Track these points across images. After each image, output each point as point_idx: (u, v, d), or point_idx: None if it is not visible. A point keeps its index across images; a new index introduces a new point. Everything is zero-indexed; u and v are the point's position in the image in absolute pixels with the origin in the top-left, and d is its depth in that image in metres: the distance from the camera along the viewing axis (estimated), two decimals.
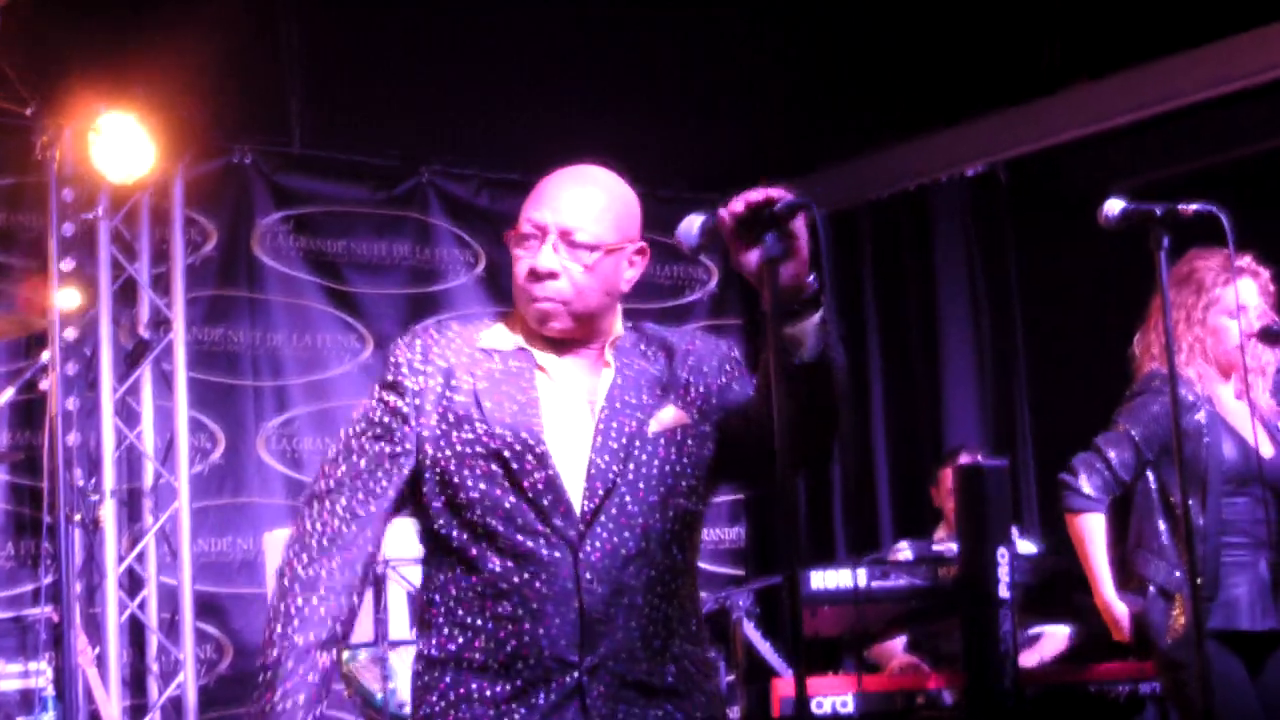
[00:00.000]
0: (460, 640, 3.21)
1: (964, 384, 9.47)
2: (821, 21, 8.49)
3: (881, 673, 7.67)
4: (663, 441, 3.31)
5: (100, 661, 7.61)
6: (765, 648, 7.25)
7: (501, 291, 9.04)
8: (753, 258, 3.10)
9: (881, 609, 6.80)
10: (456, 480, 3.23)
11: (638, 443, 3.28)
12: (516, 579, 3.17)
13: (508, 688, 3.16)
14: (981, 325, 9.53)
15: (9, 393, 7.21)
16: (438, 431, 3.26)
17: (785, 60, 8.74)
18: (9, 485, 7.95)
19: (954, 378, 9.47)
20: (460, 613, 3.22)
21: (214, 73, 7.81)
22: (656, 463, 3.29)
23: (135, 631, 8.11)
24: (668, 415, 3.32)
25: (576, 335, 3.34)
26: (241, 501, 8.58)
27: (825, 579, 6.53)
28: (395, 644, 6.12)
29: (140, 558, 8.10)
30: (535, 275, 3.30)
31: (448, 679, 3.21)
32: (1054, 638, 7.60)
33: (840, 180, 9.76)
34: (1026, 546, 8.05)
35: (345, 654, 6.61)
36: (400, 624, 6.04)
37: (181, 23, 7.55)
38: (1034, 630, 7.67)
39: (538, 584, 3.17)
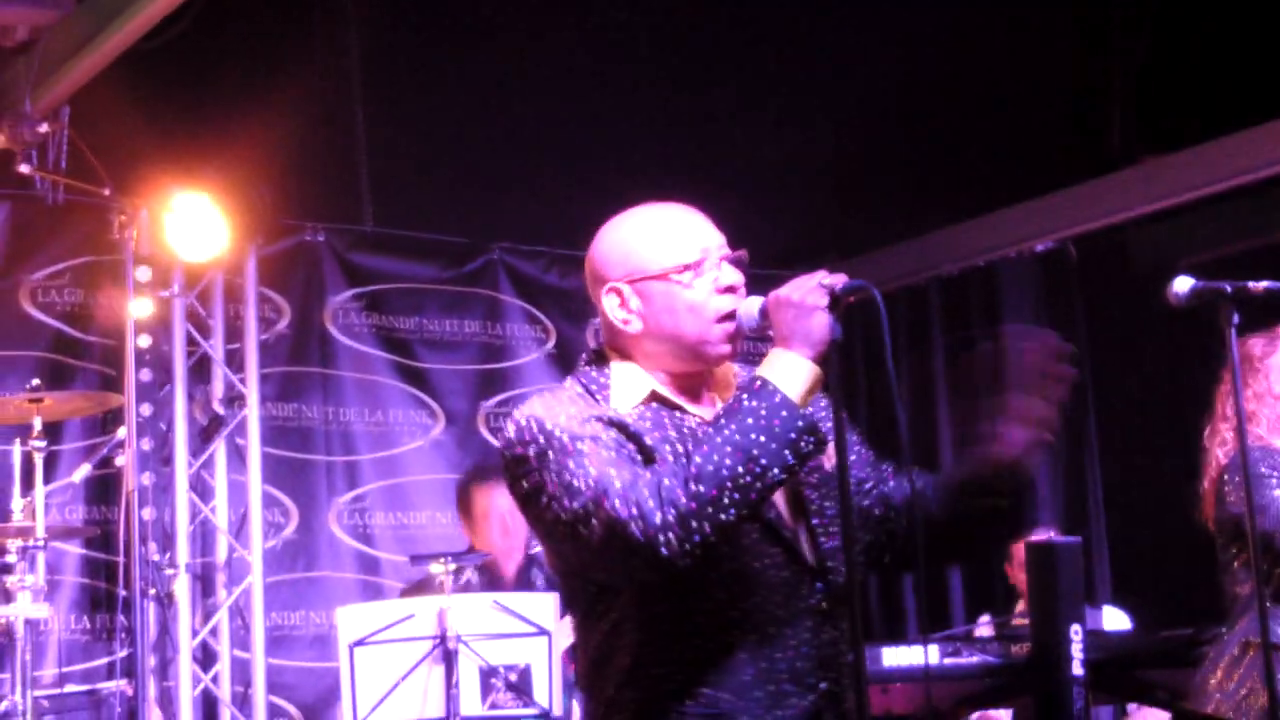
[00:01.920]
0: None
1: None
2: (894, 101, 8.52)
3: None
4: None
5: None
6: None
7: (571, 368, 9.05)
8: None
9: (953, 686, 6.77)
10: None
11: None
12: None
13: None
14: None
15: (85, 468, 7.27)
16: None
17: (858, 139, 8.77)
18: (85, 559, 8.02)
19: None
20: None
21: (287, 153, 7.91)
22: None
23: (208, 705, 8.13)
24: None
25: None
26: (314, 576, 8.63)
27: (898, 656, 6.50)
28: (467, 719, 6.13)
29: (214, 632, 8.13)
30: (734, 290, 3.26)
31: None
32: (1153, 713, 7.55)
33: (911, 256, 9.79)
34: (1118, 619, 8.00)
35: None
36: (472, 699, 6.05)
37: (255, 104, 7.66)
38: (1133, 707, 7.62)
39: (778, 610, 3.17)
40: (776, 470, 2.97)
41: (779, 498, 3.21)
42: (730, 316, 3.24)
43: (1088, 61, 8.53)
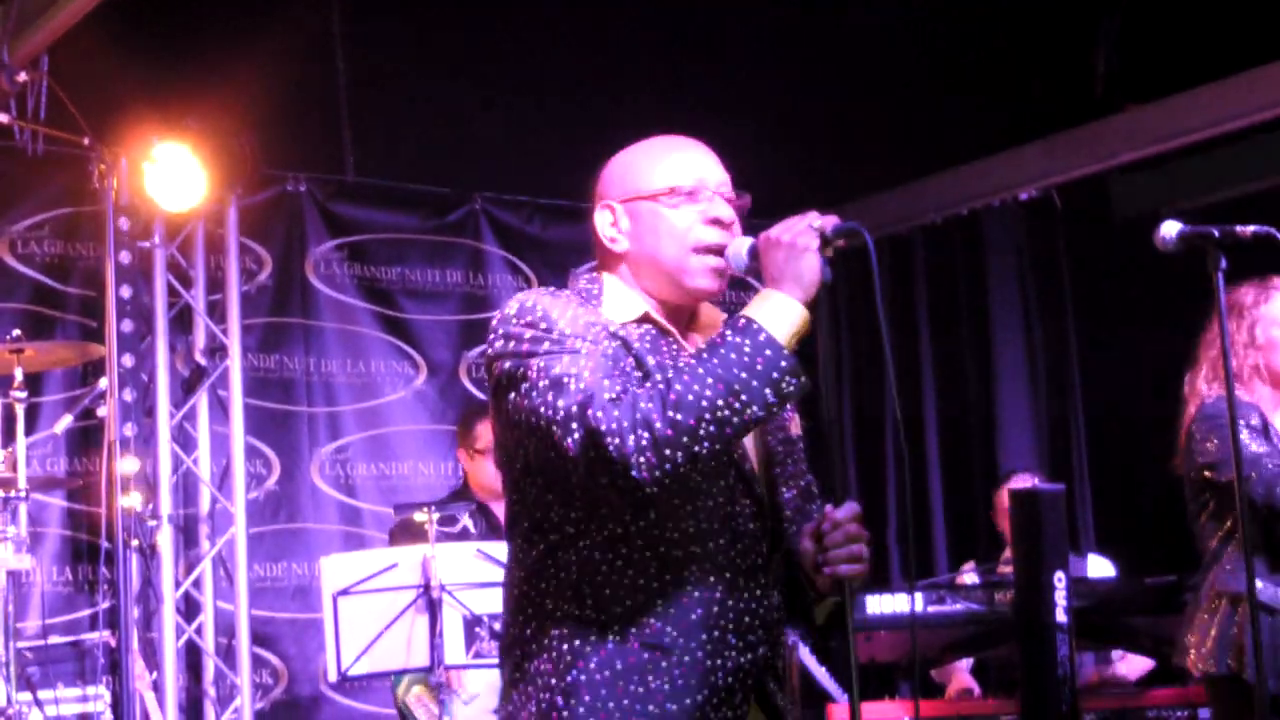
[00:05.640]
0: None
1: (1019, 407, 9.45)
2: (874, 49, 8.49)
3: (940, 698, 7.65)
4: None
5: (157, 687, 7.65)
6: (821, 673, 7.24)
7: None
8: None
9: (938, 634, 6.79)
10: None
11: None
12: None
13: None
14: (1036, 348, 9.52)
15: (67, 419, 7.24)
16: None
17: (839, 87, 8.74)
18: (66, 511, 8.00)
19: (1009, 401, 9.46)
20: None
21: (268, 102, 7.86)
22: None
23: (192, 656, 8.14)
24: None
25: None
26: (296, 527, 8.62)
27: (881, 604, 6.52)
28: (451, 668, 6.14)
29: (197, 583, 8.14)
30: (722, 224, 3.23)
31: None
32: (1135, 659, 7.59)
33: (894, 205, 9.77)
34: (1103, 566, 8.02)
35: (402, 680, 6.64)
36: (456, 648, 6.04)
37: (236, 52, 7.61)
38: (1117, 653, 7.66)
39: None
40: (756, 408, 2.94)
41: (752, 453, 3.21)
42: (712, 249, 3.21)
43: (1072, 8, 8.51)
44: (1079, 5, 8.54)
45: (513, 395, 3.07)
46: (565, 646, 3.09)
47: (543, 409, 2.99)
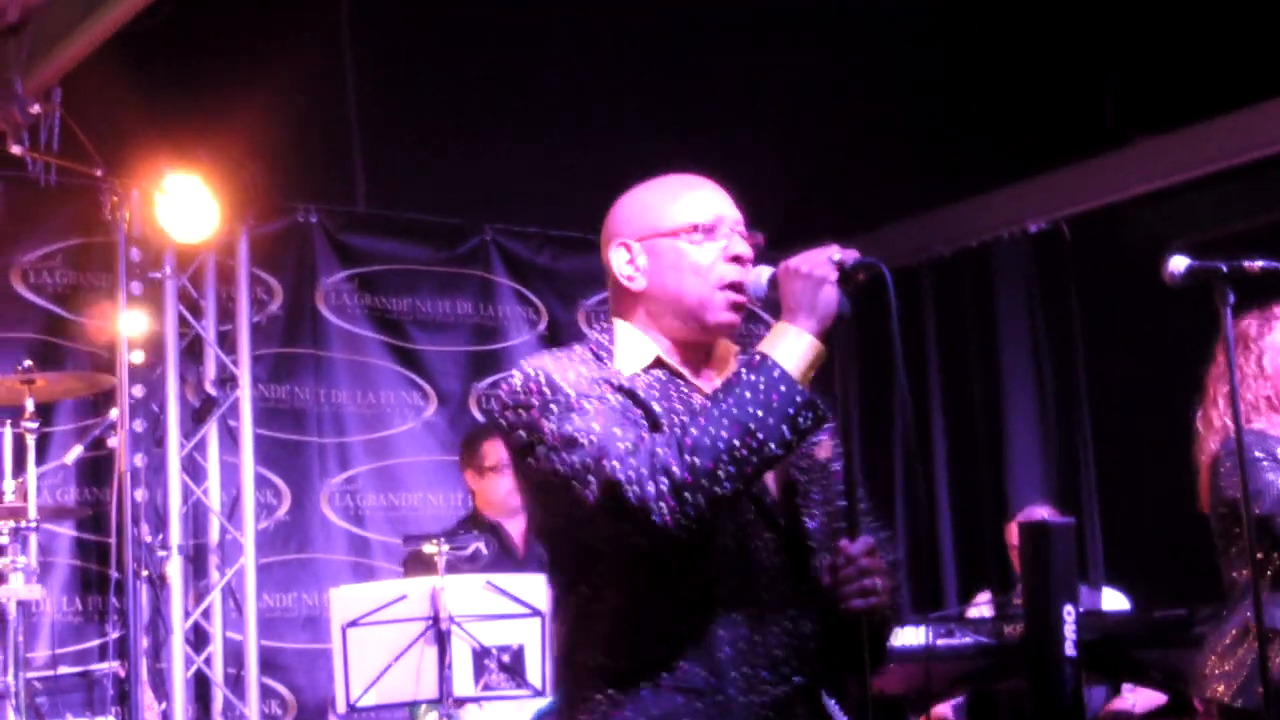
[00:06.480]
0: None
1: (1028, 441, 9.43)
2: (884, 81, 8.50)
3: None
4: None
5: (166, 717, 7.65)
6: (830, 705, 7.21)
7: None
8: None
9: (948, 666, 6.78)
10: None
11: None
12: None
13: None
14: (1045, 381, 9.50)
15: (77, 450, 7.26)
16: None
17: (849, 119, 8.75)
18: (76, 541, 8.01)
19: (1017, 434, 9.44)
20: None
21: (279, 133, 7.89)
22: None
23: (201, 687, 8.13)
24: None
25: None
26: (306, 557, 8.62)
27: (891, 636, 6.50)
28: (461, 700, 6.13)
29: (206, 613, 8.13)
30: (741, 261, 3.23)
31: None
32: (1147, 693, 7.56)
33: (903, 237, 9.77)
34: (1117, 600, 8.00)
35: (419, 709, 6.64)
36: (465, 680, 6.04)
37: (247, 84, 7.64)
38: (1128, 687, 7.63)
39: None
40: (773, 445, 2.95)
41: (772, 482, 3.21)
42: (734, 286, 3.22)
43: (1081, 41, 8.51)
44: (1089, 37, 8.54)
45: (530, 460, 3.09)
46: (601, 698, 3.12)
47: (559, 467, 3.02)
